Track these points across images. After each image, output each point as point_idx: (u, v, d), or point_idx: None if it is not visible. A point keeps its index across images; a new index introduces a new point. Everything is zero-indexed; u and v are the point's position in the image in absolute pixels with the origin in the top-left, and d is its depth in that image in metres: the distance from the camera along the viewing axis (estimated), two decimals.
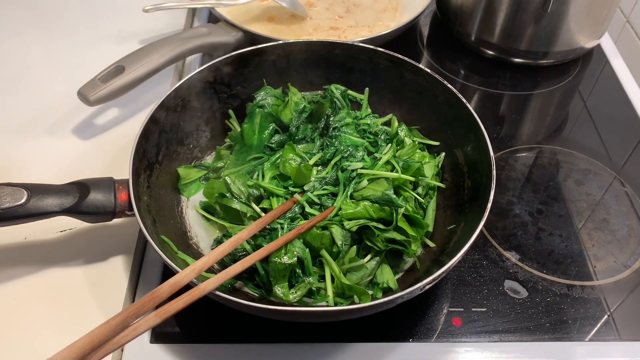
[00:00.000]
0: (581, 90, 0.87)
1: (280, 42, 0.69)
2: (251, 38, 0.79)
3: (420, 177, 0.61)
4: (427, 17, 0.98)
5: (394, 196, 0.57)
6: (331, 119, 0.66)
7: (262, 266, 0.54)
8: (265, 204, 0.59)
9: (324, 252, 0.54)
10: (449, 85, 0.63)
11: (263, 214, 0.57)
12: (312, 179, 0.60)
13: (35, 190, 0.52)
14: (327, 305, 0.53)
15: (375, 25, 0.91)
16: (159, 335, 0.55)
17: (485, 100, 0.85)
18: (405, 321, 0.57)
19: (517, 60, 0.87)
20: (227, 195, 0.59)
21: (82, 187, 0.54)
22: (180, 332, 0.56)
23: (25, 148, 0.71)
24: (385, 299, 0.47)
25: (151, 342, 0.54)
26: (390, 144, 0.64)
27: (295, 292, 0.53)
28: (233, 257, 0.55)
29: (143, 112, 0.76)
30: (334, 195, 0.59)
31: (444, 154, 0.65)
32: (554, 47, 0.84)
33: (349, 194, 0.58)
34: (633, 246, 0.65)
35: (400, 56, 0.67)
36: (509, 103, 0.84)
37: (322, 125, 0.66)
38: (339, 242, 0.55)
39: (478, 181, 0.59)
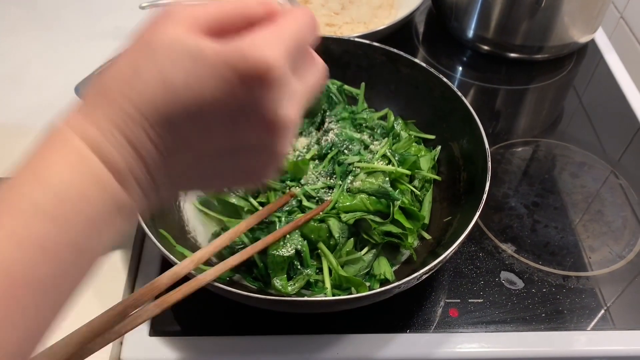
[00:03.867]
0: (576, 85, 0.87)
1: None
2: None
3: (416, 170, 0.62)
4: (423, 14, 0.99)
5: (391, 189, 0.57)
6: (327, 113, 0.67)
7: (260, 258, 0.54)
8: (262, 198, 0.59)
9: (321, 245, 0.55)
10: (445, 79, 0.64)
11: (260, 208, 0.58)
12: (309, 173, 0.61)
13: None
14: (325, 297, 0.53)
15: (371, 22, 0.92)
16: (158, 328, 0.55)
17: (480, 95, 0.85)
18: (402, 313, 0.58)
19: (512, 55, 0.87)
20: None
21: None
22: (179, 325, 0.56)
23: (23, 144, 0.71)
24: (382, 288, 0.47)
25: (150, 334, 0.55)
26: (386, 138, 0.65)
27: (294, 284, 0.53)
28: (231, 250, 0.55)
29: None
30: (331, 188, 0.59)
31: (440, 147, 0.66)
32: (548, 42, 0.85)
33: (345, 187, 0.58)
34: (627, 237, 0.65)
35: (396, 51, 0.68)
36: (504, 98, 0.85)
37: (319, 120, 0.67)
38: (336, 235, 0.55)
39: (474, 174, 0.59)
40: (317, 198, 0.58)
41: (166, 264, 0.54)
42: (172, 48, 0.26)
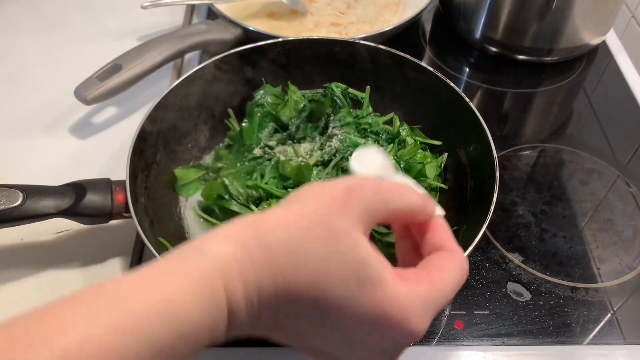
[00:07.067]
0: (586, 88, 0.85)
1: (280, 39, 0.68)
2: (251, 35, 0.78)
3: (422, 178, 0.60)
4: (430, 13, 0.97)
5: None
6: (331, 118, 0.65)
7: None
8: (264, 206, 0.58)
9: None
10: (452, 84, 0.62)
11: None
12: (312, 179, 0.59)
13: (30, 191, 0.52)
14: None
15: (377, 21, 0.90)
16: None
17: (488, 98, 0.83)
18: None
19: (521, 57, 0.85)
20: (226, 197, 0.58)
21: (78, 189, 0.53)
22: None
23: (21, 148, 0.70)
24: None
25: None
26: (391, 144, 0.63)
27: None
28: None
29: (141, 110, 0.75)
30: None
31: (446, 154, 0.64)
32: (558, 44, 0.83)
33: None
34: (638, 248, 0.64)
35: (402, 54, 0.66)
36: (512, 101, 0.83)
37: (323, 125, 0.65)
38: None
39: (481, 182, 0.58)
40: None
41: None
42: (352, 259, 0.27)
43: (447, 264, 0.31)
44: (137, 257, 0.60)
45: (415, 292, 0.28)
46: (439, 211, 0.34)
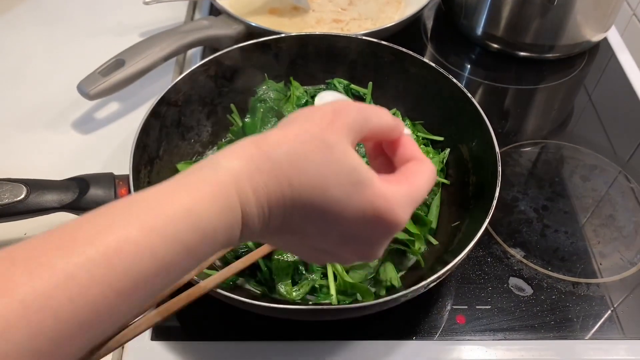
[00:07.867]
0: (587, 85, 0.85)
1: (282, 35, 0.68)
2: (253, 31, 0.78)
3: None
4: (431, 10, 0.97)
5: None
6: None
7: (264, 263, 0.53)
8: None
9: None
10: (454, 80, 0.62)
11: None
12: None
13: (34, 185, 0.52)
14: (330, 303, 0.52)
15: (378, 18, 0.90)
16: (160, 332, 0.54)
17: (489, 95, 0.84)
18: (408, 319, 0.57)
19: (522, 53, 0.86)
20: None
21: (82, 183, 0.54)
22: (181, 329, 0.55)
23: (25, 142, 0.70)
24: (389, 297, 0.46)
25: (152, 339, 0.54)
26: None
27: (299, 290, 0.52)
28: (235, 253, 0.54)
29: (144, 106, 0.75)
30: None
31: (448, 149, 0.64)
32: (560, 41, 0.83)
33: None
34: (639, 243, 0.64)
35: (404, 50, 0.66)
36: (513, 97, 0.83)
37: None
38: None
39: (483, 177, 0.58)
40: None
41: None
42: (345, 165, 0.32)
43: (420, 170, 0.36)
44: None
45: (398, 190, 0.34)
46: (407, 131, 0.40)
